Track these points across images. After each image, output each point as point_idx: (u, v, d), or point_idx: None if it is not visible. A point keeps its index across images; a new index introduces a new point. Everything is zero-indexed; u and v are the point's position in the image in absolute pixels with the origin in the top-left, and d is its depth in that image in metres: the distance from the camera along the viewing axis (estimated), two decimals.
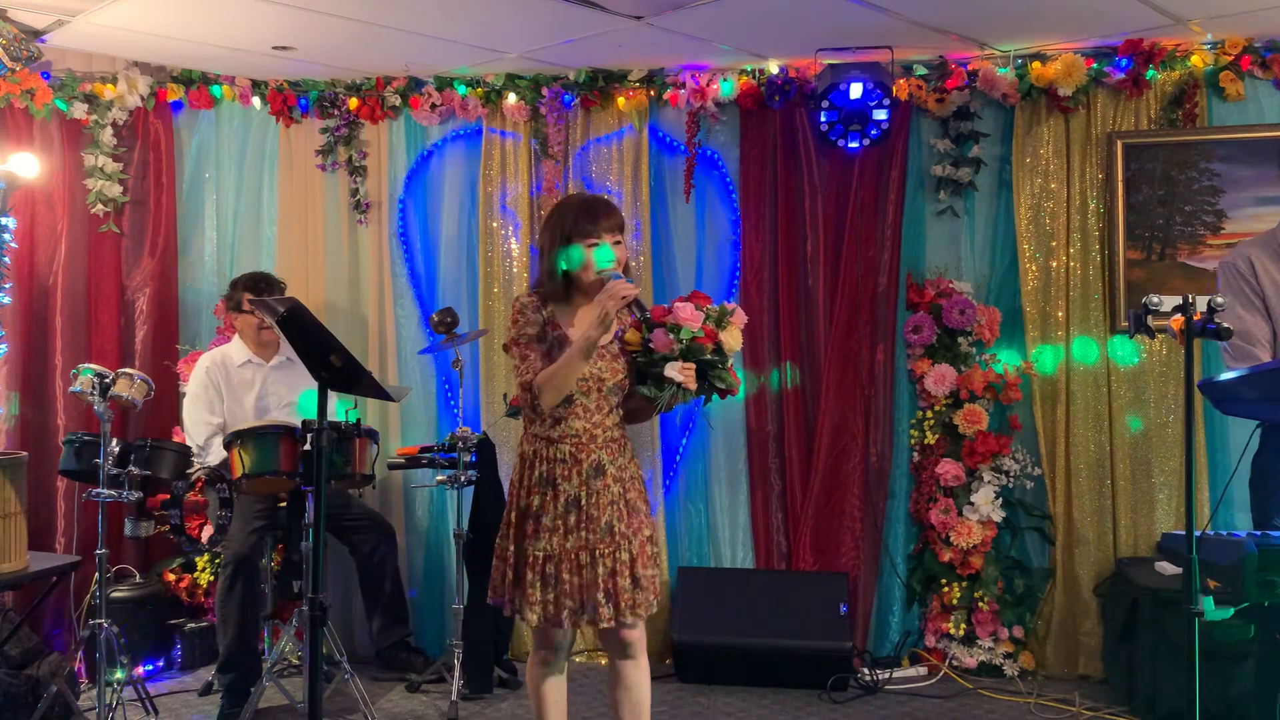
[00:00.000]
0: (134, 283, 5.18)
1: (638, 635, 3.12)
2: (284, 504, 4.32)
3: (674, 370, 2.94)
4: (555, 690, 3.19)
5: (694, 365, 2.96)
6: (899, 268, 4.96)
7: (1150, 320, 2.78)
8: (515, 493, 3.06)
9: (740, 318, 3.01)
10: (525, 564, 2.99)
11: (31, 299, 5.00)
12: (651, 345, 2.96)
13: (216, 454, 4.44)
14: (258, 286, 4.57)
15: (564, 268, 3.03)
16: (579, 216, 3.02)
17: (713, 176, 5.17)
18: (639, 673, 3.15)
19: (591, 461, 3.01)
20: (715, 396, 3.03)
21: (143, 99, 5.09)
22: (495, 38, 4.67)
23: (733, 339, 3.00)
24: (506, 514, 3.08)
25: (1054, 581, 4.85)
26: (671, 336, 2.93)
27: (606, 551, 2.99)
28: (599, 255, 2.99)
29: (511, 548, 3.04)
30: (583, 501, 3.00)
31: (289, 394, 4.63)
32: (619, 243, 3.05)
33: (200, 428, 4.56)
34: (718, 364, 2.97)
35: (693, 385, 2.96)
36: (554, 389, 2.96)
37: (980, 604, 4.82)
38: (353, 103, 5.21)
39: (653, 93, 5.10)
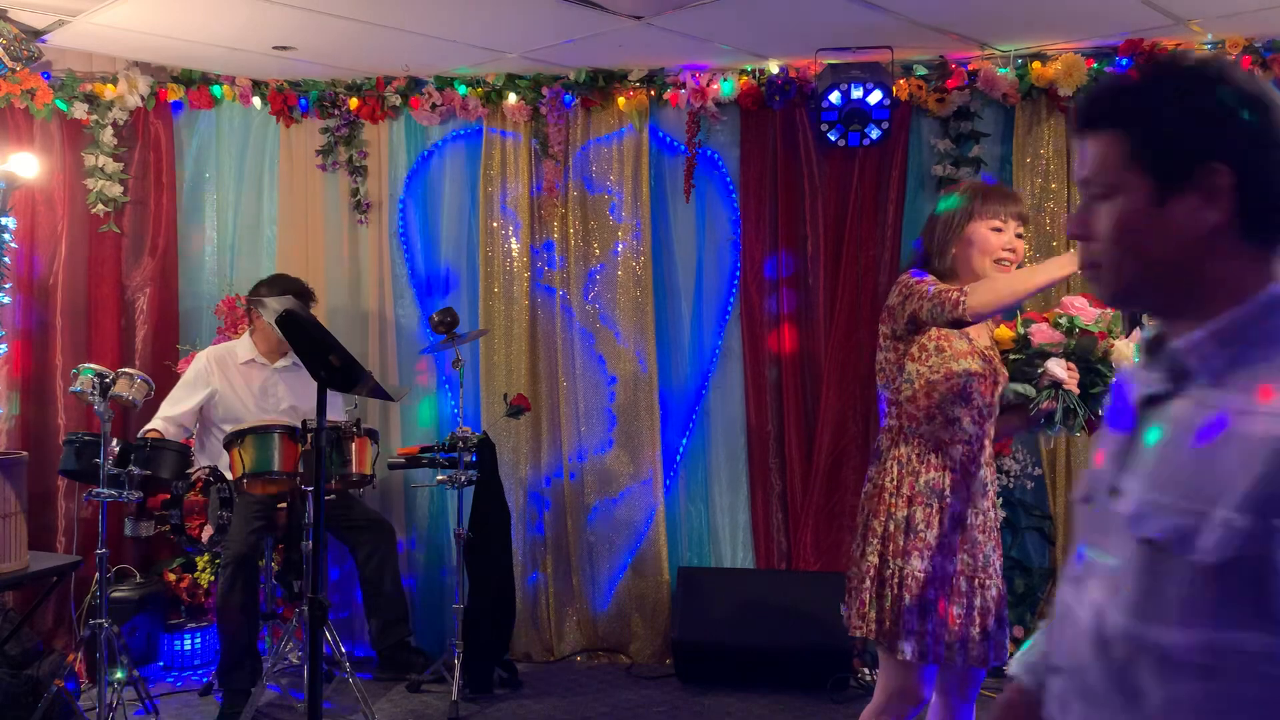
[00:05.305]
0: (134, 283, 5.18)
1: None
2: (284, 504, 4.32)
3: (1058, 367, 2.54)
4: None
5: (1077, 366, 2.54)
6: (899, 268, 4.96)
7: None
8: (890, 502, 2.60)
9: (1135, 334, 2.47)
10: (903, 587, 2.55)
11: (31, 299, 5.00)
12: (1030, 338, 2.60)
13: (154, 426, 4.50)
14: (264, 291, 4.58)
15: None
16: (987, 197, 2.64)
17: (713, 176, 5.16)
18: None
19: (980, 478, 2.62)
20: (1077, 425, 2.58)
21: (143, 99, 5.09)
22: (495, 38, 4.67)
23: (1126, 350, 2.56)
24: (883, 525, 2.60)
25: (1054, 581, 4.85)
26: (1056, 329, 2.54)
27: (985, 581, 2.61)
28: None
29: (880, 563, 2.57)
30: (968, 519, 2.62)
31: (288, 397, 4.63)
32: (1020, 235, 2.65)
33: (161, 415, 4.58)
34: (1106, 375, 2.55)
35: (1075, 387, 2.54)
36: (995, 293, 2.35)
37: None
38: (353, 103, 5.21)
39: (653, 93, 5.09)
